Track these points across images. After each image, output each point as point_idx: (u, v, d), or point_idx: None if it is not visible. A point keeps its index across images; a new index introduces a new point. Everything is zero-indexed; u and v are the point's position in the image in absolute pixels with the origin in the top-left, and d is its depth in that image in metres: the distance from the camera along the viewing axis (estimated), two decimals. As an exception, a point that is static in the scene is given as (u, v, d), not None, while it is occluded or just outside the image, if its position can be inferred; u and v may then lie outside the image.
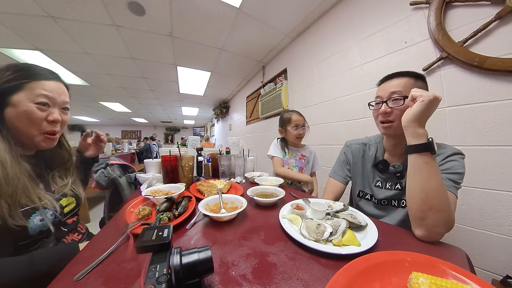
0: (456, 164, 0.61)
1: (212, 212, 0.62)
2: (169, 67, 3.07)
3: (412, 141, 0.54)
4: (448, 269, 0.35)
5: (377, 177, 0.80)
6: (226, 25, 2.04)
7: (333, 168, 0.96)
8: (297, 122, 1.32)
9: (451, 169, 0.60)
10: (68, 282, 0.37)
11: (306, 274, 0.38)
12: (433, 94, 0.51)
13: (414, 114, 0.53)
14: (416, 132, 0.53)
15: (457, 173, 0.60)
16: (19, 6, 1.70)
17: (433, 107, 0.52)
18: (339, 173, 0.93)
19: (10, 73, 0.53)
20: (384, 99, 0.68)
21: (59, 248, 0.57)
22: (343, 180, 0.91)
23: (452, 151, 0.64)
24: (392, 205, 0.76)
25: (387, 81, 0.70)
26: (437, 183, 0.51)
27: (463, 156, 0.64)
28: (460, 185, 0.60)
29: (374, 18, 1.41)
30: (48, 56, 2.61)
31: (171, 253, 0.31)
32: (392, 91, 0.65)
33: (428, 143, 0.52)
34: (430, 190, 0.51)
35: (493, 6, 0.90)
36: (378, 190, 0.80)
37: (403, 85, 0.65)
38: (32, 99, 0.53)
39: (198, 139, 1.66)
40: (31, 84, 0.53)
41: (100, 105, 5.62)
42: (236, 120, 4.78)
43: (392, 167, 0.73)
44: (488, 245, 0.92)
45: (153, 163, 1.16)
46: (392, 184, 0.76)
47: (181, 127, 11.81)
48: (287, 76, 2.52)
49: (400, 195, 0.74)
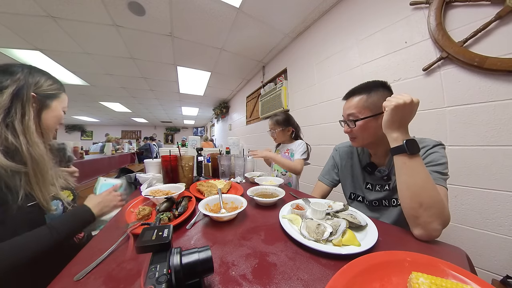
0: (437, 155, 0.63)
1: (212, 212, 0.62)
2: (169, 67, 3.07)
3: (391, 144, 0.58)
4: (448, 269, 0.35)
5: (367, 179, 0.83)
6: (226, 25, 2.04)
7: (322, 172, 1.02)
8: (269, 127, 1.53)
9: (434, 161, 0.62)
10: (68, 282, 0.37)
11: (306, 274, 0.38)
12: (397, 102, 0.54)
13: (384, 123, 0.59)
14: (391, 137, 0.58)
15: (440, 164, 0.61)
16: (19, 6, 1.70)
17: (400, 112, 0.55)
18: (326, 176, 0.98)
19: (51, 82, 0.64)
20: (345, 120, 0.75)
21: (71, 211, 0.64)
22: (330, 183, 0.97)
23: (432, 144, 0.66)
24: (383, 205, 0.77)
25: (347, 99, 0.76)
26: (422, 180, 0.52)
27: (443, 146, 0.66)
28: (447, 174, 0.61)
29: (374, 18, 1.41)
30: (48, 56, 2.61)
31: (171, 253, 0.31)
32: (348, 113, 0.73)
33: (401, 145, 0.55)
34: (415, 187, 0.53)
35: (493, 6, 0.90)
36: (369, 192, 0.81)
37: (354, 106, 0.71)
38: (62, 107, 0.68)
39: (198, 139, 1.66)
40: (62, 95, 0.68)
41: (100, 105, 5.62)
42: (236, 120, 4.78)
43: (378, 172, 0.76)
44: (488, 245, 0.92)
45: (153, 163, 1.16)
46: (381, 186, 0.78)
47: (181, 127, 11.81)
48: (287, 76, 2.52)
49: (390, 195, 0.75)
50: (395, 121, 0.56)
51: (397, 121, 0.56)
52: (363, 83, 0.73)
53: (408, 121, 0.57)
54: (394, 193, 0.73)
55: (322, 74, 1.93)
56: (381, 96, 0.67)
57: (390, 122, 0.57)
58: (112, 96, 4.80)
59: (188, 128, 11.92)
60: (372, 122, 0.68)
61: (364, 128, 0.70)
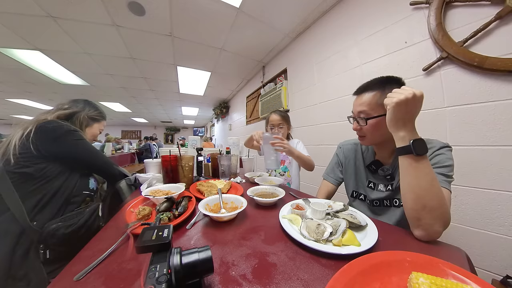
0: (443, 157, 0.61)
1: (212, 212, 0.62)
2: (169, 67, 3.07)
3: (397, 144, 0.55)
4: (448, 269, 0.35)
5: (370, 178, 0.82)
6: (226, 25, 2.04)
7: (326, 170, 1.00)
8: (272, 122, 1.35)
9: (439, 163, 0.61)
10: (68, 282, 0.37)
11: (306, 274, 0.38)
12: (398, 98, 0.51)
13: (388, 121, 0.56)
14: (397, 136, 0.55)
15: (446, 166, 0.60)
16: (19, 6, 1.70)
17: (403, 108, 0.52)
18: (331, 175, 0.96)
19: (98, 111, 1.08)
20: (355, 116, 0.72)
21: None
22: (335, 181, 0.94)
23: (439, 145, 0.64)
24: (384, 205, 0.77)
25: (358, 95, 0.72)
26: (426, 182, 0.51)
27: (450, 148, 0.64)
28: (452, 177, 0.60)
29: (374, 18, 1.42)
30: (48, 56, 2.60)
31: (171, 253, 0.31)
32: (359, 111, 0.69)
33: (408, 146, 0.52)
34: (420, 189, 0.51)
35: (493, 6, 0.90)
36: (371, 191, 0.80)
37: (367, 103, 0.67)
38: (99, 128, 1.09)
39: (198, 139, 1.66)
40: (102, 121, 1.10)
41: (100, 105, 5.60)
42: (236, 120, 4.78)
43: (381, 171, 0.75)
44: (488, 245, 0.92)
45: (153, 163, 1.16)
46: (384, 186, 0.77)
47: (181, 127, 11.81)
48: (287, 76, 2.52)
49: (392, 195, 0.74)
50: (399, 118, 0.53)
51: (401, 118, 0.53)
52: (376, 78, 0.68)
53: (414, 116, 0.53)
54: (396, 193, 0.72)
55: (322, 74, 1.93)
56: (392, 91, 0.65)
57: (394, 121, 0.54)
58: (112, 96, 4.80)
59: (188, 128, 11.92)
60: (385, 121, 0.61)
61: (375, 127, 0.67)
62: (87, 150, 0.90)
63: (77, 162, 0.88)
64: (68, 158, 0.84)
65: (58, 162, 0.80)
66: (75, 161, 0.87)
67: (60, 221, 0.74)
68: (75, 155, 0.85)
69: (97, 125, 1.06)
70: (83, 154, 0.88)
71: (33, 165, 0.75)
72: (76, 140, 0.86)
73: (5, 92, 4.25)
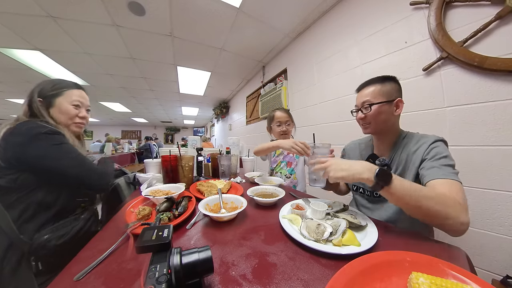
0: (440, 149, 0.65)
1: (212, 212, 0.62)
2: (169, 67, 3.06)
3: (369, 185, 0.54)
4: (448, 269, 0.35)
5: None
6: (226, 25, 2.04)
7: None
8: (279, 119, 1.30)
9: (438, 154, 0.63)
10: (68, 282, 0.37)
11: (306, 274, 0.38)
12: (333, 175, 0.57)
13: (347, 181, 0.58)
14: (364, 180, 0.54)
15: (445, 156, 0.62)
16: (19, 6, 1.70)
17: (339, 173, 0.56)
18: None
19: (52, 84, 0.81)
20: (359, 107, 0.80)
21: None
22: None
23: (434, 139, 0.68)
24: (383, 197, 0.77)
25: (360, 90, 0.81)
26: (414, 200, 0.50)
27: (443, 141, 0.68)
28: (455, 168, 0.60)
29: (374, 18, 1.41)
30: (48, 56, 2.60)
31: (171, 253, 0.31)
32: (363, 101, 0.77)
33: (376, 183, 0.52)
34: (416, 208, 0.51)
35: (493, 6, 0.90)
36: None
37: (370, 94, 0.76)
38: (68, 101, 0.81)
39: (198, 139, 1.66)
40: (64, 91, 0.81)
41: (100, 105, 5.61)
42: (236, 120, 4.77)
43: (378, 161, 0.77)
44: (488, 245, 0.92)
45: (153, 163, 1.16)
46: None
47: (181, 127, 11.80)
48: (287, 76, 2.52)
49: None
50: (349, 175, 0.55)
51: (346, 169, 0.56)
52: (375, 77, 0.79)
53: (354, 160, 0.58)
54: None
55: (322, 74, 1.92)
56: (393, 87, 0.75)
57: (351, 178, 0.55)
58: (112, 96, 4.80)
59: (188, 128, 11.92)
60: (386, 106, 0.73)
61: (378, 112, 0.74)
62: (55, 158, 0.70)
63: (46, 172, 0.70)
64: (37, 167, 0.69)
65: (27, 172, 0.68)
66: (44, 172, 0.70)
67: (52, 231, 0.68)
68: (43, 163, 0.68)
69: (61, 98, 0.79)
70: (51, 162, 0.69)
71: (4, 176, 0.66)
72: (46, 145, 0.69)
73: (5, 92, 4.25)
